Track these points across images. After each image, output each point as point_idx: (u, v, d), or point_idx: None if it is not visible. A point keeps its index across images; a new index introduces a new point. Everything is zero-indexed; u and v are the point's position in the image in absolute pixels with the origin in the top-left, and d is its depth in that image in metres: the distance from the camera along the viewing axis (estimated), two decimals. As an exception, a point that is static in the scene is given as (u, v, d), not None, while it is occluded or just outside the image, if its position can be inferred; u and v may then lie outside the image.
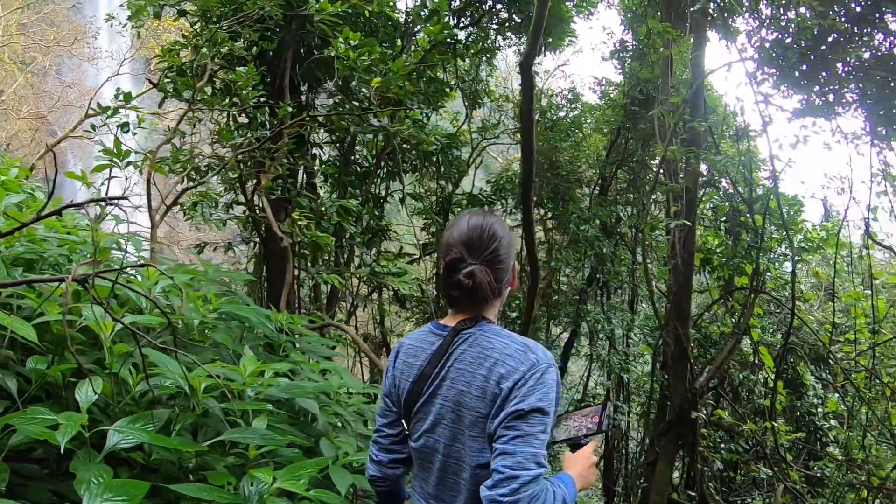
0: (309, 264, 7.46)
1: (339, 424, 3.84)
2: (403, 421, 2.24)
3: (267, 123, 6.67)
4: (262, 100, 6.36)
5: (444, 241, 2.24)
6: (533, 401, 1.93)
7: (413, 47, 8.50)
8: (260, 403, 2.99)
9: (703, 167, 10.22)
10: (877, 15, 8.04)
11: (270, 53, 6.91)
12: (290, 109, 5.95)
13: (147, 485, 2.19)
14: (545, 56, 11.51)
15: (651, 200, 9.32)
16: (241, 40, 6.41)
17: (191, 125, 6.44)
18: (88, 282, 2.23)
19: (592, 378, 11.24)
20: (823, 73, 8.47)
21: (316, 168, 8.23)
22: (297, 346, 4.35)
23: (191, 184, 6.20)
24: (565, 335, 10.65)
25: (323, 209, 6.81)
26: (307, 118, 6.15)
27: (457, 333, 2.14)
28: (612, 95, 11.63)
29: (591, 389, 11.13)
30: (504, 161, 12.13)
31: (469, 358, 2.08)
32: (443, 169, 9.31)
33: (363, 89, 6.85)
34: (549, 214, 9.89)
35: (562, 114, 10.84)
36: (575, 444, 2.32)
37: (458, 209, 9.78)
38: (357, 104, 7.22)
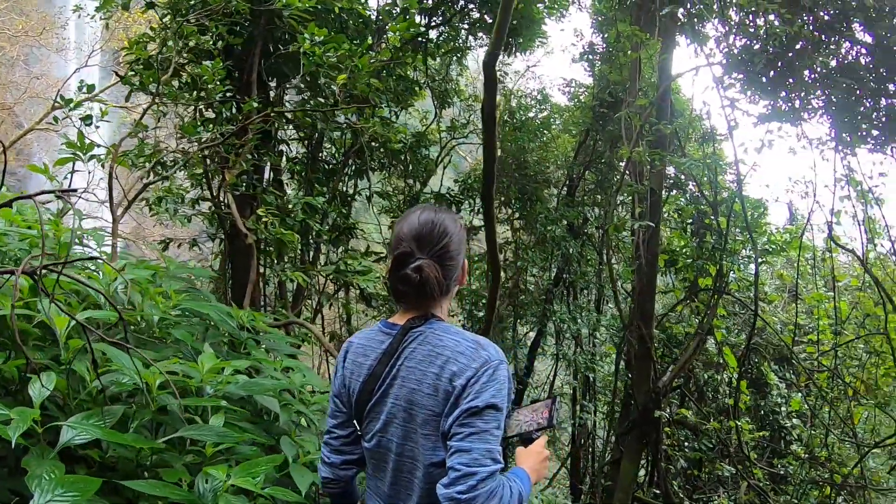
0: (274, 262, 7.39)
1: (303, 423, 3.82)
2: (355, 421, 2.23)
3: (233, 119, 6.60)
4: (228, 95, 6.30)
5: (394, 234, 2.23)
6: (486, 397, 1.94)
7: (384, 45, 8.47)
8: (215, 399, 2.95)
9: (670, 170, 10.34)
10: (844, 24, 8.18)
11: (238, 48, 6.84)
12: (255, 105, 5.88)
13: (98, 481, 2.16)
14: (516, 57, 11.55)
15: (618, 202, 9.39)
16: (209, 34, 6.34)
17: (156, 119, 6.36)
18: (37, 274, 2.19)
19: (559, 377, 11.30)
20: (790, 80, 8.59)
21: (283, 165, 8.16)
22: (260, 343, 4.32)
23: (154, 178, 6.11)
24: (532, 334, 10.68)
25: (289, 206, 6.77)
26: (272, 113, 6.07)
27: (407, 332, 2.14)
28: (581, 97, 11.70)
29: (557, 388, 11.18)
30: (473, 161, 12.14)
31: (419, 356, 2.07)
32: (411, 167, 9.31)
33: (333, 86, 6.82)
34: (517, 214, 9.92)
35: (531, 114, 10.88)
36: (526, 439, 2.33)
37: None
38: (323, 101, 7.18)
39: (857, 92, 8.52)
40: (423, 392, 2.04)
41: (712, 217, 8.99)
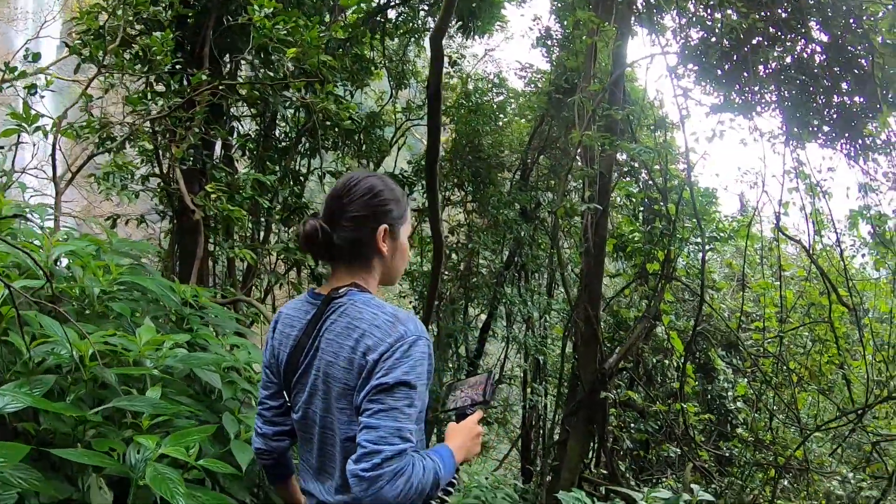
0: (223, 239, 7.28)
1: (248, 401, 3.78)
2: (285, 392, 2.20)
3: (181, 91, 6.46)
4: (178, 67, 6.16)
5: None
6: (398, 374, 1.90)
7: (342, 22, 8.37)
8: (147, 369, 2.89)
9: (624, 157, 10.43)
10: (800, 22, 8.30)
11: (191, 20, 6.70)
12: (204, 77, 5.77)
13: (27, 448, 2.12)
14: (475, 40, 11.52)
15: (570, 186, 9.44)
16: (161, 4, 6.20)
17: (103, 90, 6.20)
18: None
19: (510, 360, 11.36)
20: (745, 74, 8.71)
21: (234, 141, 8.05)
22: (206, 321, 4.24)
23: (99, 150, 5.97)
24: (483, 317, 10.72)
25: (239, 183, 6.67)
26: (220, 86, 5.96)
27: (329, 303, 2.10)
28: (538, 83, 11.72)
29: (507, 371, 11.25)
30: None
31: (338, 328, 2.03)
32: (364, 147, 9.23)
33: (285, 62, 6.72)
34: (470, 197, 9.92)
35: (487, 98, 10.86)
36: (460, 415, 2.32)
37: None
38: (272, 75, 7.08)
39: (811, 88, 8.67)
40: (338, 365, 2.00)
41: (661, 203, 9.09)
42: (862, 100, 8.17)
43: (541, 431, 10.50)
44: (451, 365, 10.04)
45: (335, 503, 2.11)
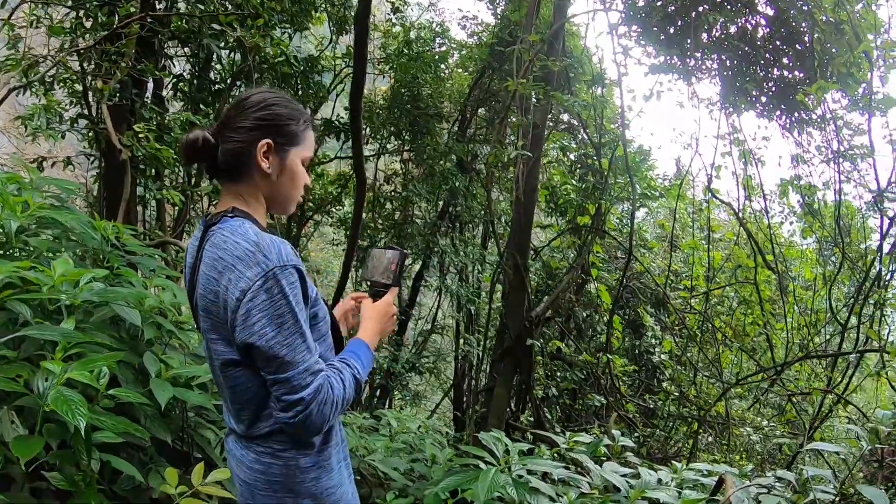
0: (151, 181, 7.11)
1: (173, 343, 3.73)
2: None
3: (109, 24, 6.22)
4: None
5: None
6: (272, 318, 1.86)
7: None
8: (58, 292, 2.81)
9: (567, 116, 10.48)
10: (748, -8, 8.40)
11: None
12: (132, 9, 5.56)
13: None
14: (420, -12, 11.37)
15: (508, 140, 9.45)
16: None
17: (28, 23, 5.95)
18: None
19: (442, 310, 11.45)
20: (688, 40, 8.78)
21: (166, 81, 7.81)
22: (131, 262, 4.14)
23: (21, 85, 5.73)
24: (417, 266, 10.74)
25: (168, 123, 6.50)
26: (148, 18, 5.75)
27: (206, 230, 2.04)
28: (481, 35, 11.63)
29: (440, 321, 11.34)
30: (367, 90, 11.94)
31: (209, 260, 1.97)
32: (301, 92, 9.06)
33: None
34: (407, 146, 9.86)
35: (428, 48, 10.74)
36: (375, 293, 2.33)
37: (316, 134, 9.58)
38: (203, 8, 6.87)
39: (752, 59, 8.80)
40: (208, 298, 1.97)
41: (595, 158, 9.20)
42: (801, 74, 8.33)
43: (472, 381, 10.63)
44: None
45: (238, 431, 2.12)
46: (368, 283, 2.40)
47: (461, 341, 10.45)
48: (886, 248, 8.00)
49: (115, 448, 3.01)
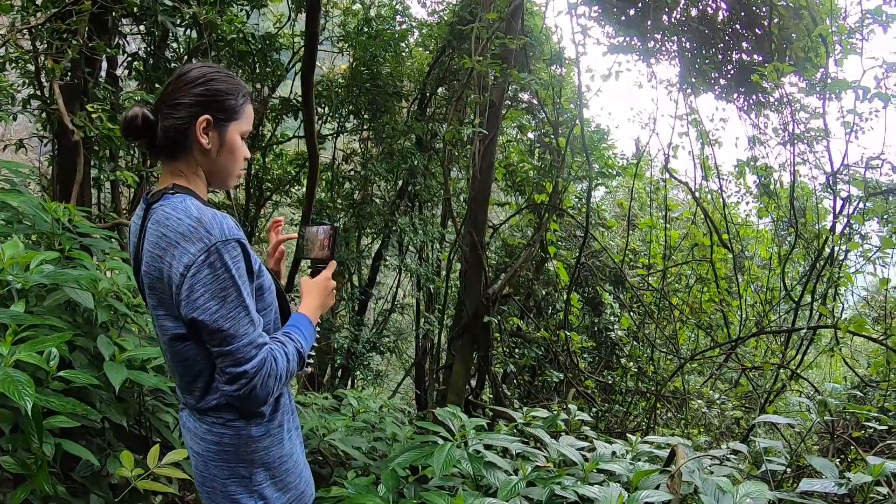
0: (106, 162, 6.99)
1: (132, 328, 3.71)
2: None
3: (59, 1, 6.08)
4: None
5: None
6: (215, 293, 1.88)
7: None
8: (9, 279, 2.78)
9: (528, 95, 10.50)
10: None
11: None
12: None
13: None
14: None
15: (465, 117, 9.46)
16: None
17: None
18: None
19: (402, 289, 11.46)
20: (648, 21, 8.84)
21: (120, 60, 7.67)
22: (85, 246, 4.08)
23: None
24: (377, 245, 10.72)
25: (122, 102, 6.39)
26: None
27: (149, 208, 2.05)
28: (441, 13, 11.57)
29: (400, 300, 11.36)
30: (326, 69, 11.82)
31: (152, 237, 1.98)
32: (258, 70, 8.95)
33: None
34: (366, 125, 9.81)
35: (388, 26, 10.65)
36: (315, 270, 2.37)
37: (273, 113, 9.50)
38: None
39: (712, 42, 8.90)
40: (153, 275, 1.99)
41: (552, 137, 9.26)
42: (760, 58, 8.45)
43: (433, 360, 10.68)
44: (345, 294, 10.05)
45: (190, 404, 2.15)
46: (308, 263, 2.43)
47: (422, 320, 10.48)
48: (839, 228, 8.20)
49: (73, 434, 3.00)
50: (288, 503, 2.20)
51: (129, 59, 8.01)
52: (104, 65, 7.47)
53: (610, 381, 10.31)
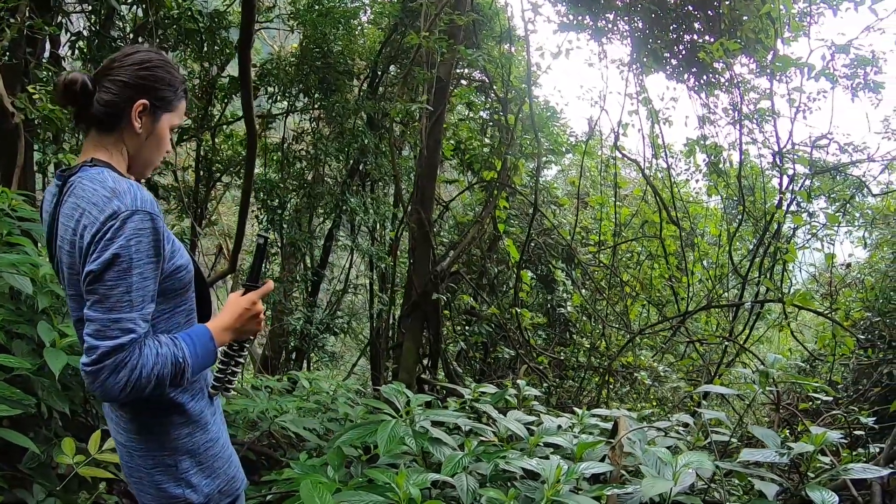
0: (50, 145, 6.83)
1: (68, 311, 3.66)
2: None
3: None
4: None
5: None
6: (106, 257, 1.81)
7: None
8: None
9: (478, 74, 10.50)
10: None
11: None
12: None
13: None
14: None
15: (416, 95, 9.44)
16: None
17: None
18: None
19: (355, 269, 11.43)
20: (601, 0, 8.91)
21: (63, 39, 7.49)
22: (25, 229, 4.01)
23: None
24: (328, 225, 10.65)
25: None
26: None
27: (64, 182, 2.02)
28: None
29: (353, 280, 11.32)
30: (277, 47, 11.68)
31: (67, 210, 1.95)
32: (206, 49, 8.79)
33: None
34: (317, 105, 9.70)
35: (338, 3, 10.50)
36: (246, 288, 2.25)
37: (222, 93, 9.36)
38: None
39: (663, 23, 8.99)
40: (65, 249, 1.96)
41: (502, 114, 9.31)
42: (711, 39, 8.56)
43: (387, 339, 10.70)
44: (298, 276, 10.01)
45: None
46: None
47: (375, 300, 10.47)
48: (785, 205, 8.41)
49: (21, 425, 2.97)
50: (218, 489, 2.18)
51: (73, 38, 7.82)
52: (47, 45, 7.29)
53: (562, 358, 10.43)
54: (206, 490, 2.14)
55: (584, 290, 11.31)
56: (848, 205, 10.26)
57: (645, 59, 9.35)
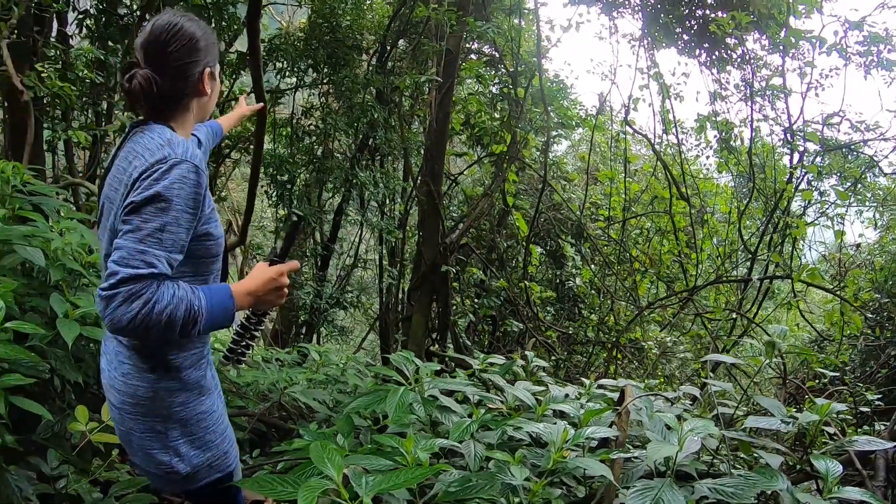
0: (59, 122, 6.87)
1: (79, 283, 3.70)
2: None
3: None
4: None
5: None
6: (149, 194, 1.86)
7: None
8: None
9: (489, 48, 10.45)
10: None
11: None
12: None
13: None
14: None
15: (427, 68, 9.41)
16: None
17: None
18: None
19: (364, 244, 11.46)
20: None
21: (70, 17, 7.50)
22: (36, 203, 4.05)
23: None
24: (338, 200, 10.67)
25: (72, 60, 6.27)
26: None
27: (129, 133, 2.10)
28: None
29: (362, 254, 11.36)
30: (285, 22, 11.63)
31: (123, 154, 2.03)
32: (215, 25, 8.77)
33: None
34: (326, 80, 9.69)
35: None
36: (272, 261, 2.24)
37: (230, 69, 9.34)
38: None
39: (674, -4, 8.92)
40: (113, 187, 2.03)
41: (511, 87, 9.27)
42: (724, 14, 8.48)
43: (396, 312, 10.74)
44: (308, 251, 10.05)
45: (112, 342, 2.18)
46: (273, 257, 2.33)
47: (384, 274, 10.49)
48: (795, 181, 8.35)
49: (34, 396, 3.01)
50: (207, 462, 2.20)
51: (80, 16, 7.83)
52: (54, 23, 7.31)
53: (571, 332, 10.45)
54: (195, 461, 2.16)
55: (593, 266, 11.30)
56: (859, 184, 10.18)
57: (656, 34, 9.28)
